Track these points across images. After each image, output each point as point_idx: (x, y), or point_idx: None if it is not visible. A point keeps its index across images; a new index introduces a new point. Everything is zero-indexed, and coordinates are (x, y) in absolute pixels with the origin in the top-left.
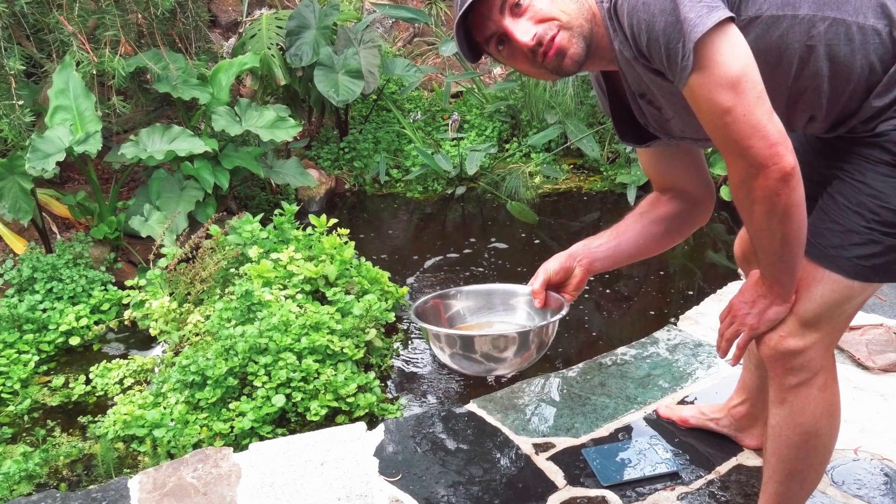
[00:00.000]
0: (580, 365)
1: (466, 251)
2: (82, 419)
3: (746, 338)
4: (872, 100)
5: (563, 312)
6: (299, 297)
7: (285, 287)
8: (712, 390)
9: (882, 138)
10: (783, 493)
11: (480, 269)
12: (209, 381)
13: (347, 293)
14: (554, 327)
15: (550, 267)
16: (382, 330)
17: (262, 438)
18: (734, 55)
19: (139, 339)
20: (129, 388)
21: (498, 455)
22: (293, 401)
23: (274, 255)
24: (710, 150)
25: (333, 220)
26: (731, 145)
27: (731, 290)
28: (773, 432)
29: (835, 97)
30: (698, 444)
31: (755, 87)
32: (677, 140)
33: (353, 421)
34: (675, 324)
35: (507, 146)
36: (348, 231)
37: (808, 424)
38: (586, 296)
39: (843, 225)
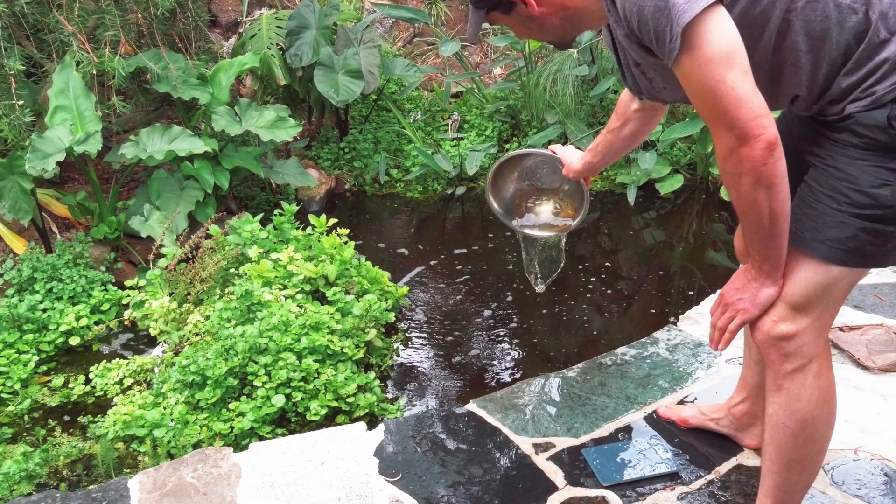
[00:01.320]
0: (580, 365)
1: (466, 251)
2: (82, 419)
3: (739, 322)
4: (841, 78)
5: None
6: (299, 297)
7: (285, 287)
8: (712, 390)
9: (850, 122)
10: (781, 484)
11: (481, 269)
12: (209, 381)
13: (347, 293)
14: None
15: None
16: (382, 330)
17: (261, 438)
18: (722, 33)
19: (139, 339)
20: (129, 388)
21: (498, 455)
22: (293, 401)
23: (274, 255)
24: (710, 150)
25: (333, 220)
26: (720, 118)
27: None
28: (771, 421)
29: (814, 73)
30: (698, 444)
31: (742, 62)
32: (669, 103)
33: (353, 421)
34: (675, 324)
35: (507, 146)
36: (348, 231)
37: (804, 412)
38: (587, 295)
39: (817, 209)
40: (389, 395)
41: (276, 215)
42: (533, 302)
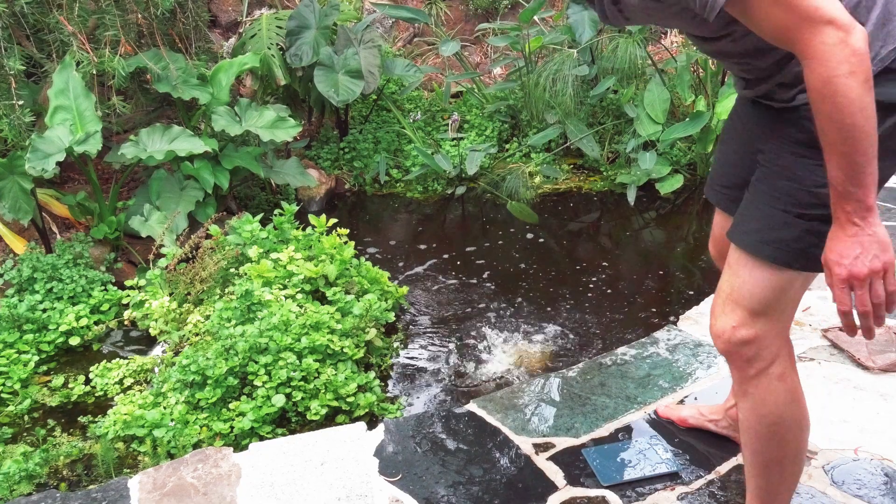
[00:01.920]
0: (580, 365)
1: (466, 251)
2: (82, 419)
3: (893, 278)
4: (796, 62)
5: None
6: (299, 296)
7: (285, 287)
8: (712, 390)
9: (796, 114)
10: (763, 486)
11: (481, 269)
12: (209, 381)
13: (347, 293)
14: None
15: None
16: (382, 330)
17: (262, 438)
18: None
19: (139, 339)
20: (129, 388)
21: (498, 455)
22: (293, 400)
23: (274, 255)
24: (710, 150)
25: (333, 220)
26: (813, 15)
27: None
28: (743, 427)
29: (776, 57)
30: (698, 444)
31: None
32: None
33: (353, 421)
34: (675, 324)
35: (507, 146)
36: (348, 231)
37: (772, 415)
38: (587, 295)
39: (763, 211)
40: (389, 395)
41: (276, 215)
42: (533, 302)
